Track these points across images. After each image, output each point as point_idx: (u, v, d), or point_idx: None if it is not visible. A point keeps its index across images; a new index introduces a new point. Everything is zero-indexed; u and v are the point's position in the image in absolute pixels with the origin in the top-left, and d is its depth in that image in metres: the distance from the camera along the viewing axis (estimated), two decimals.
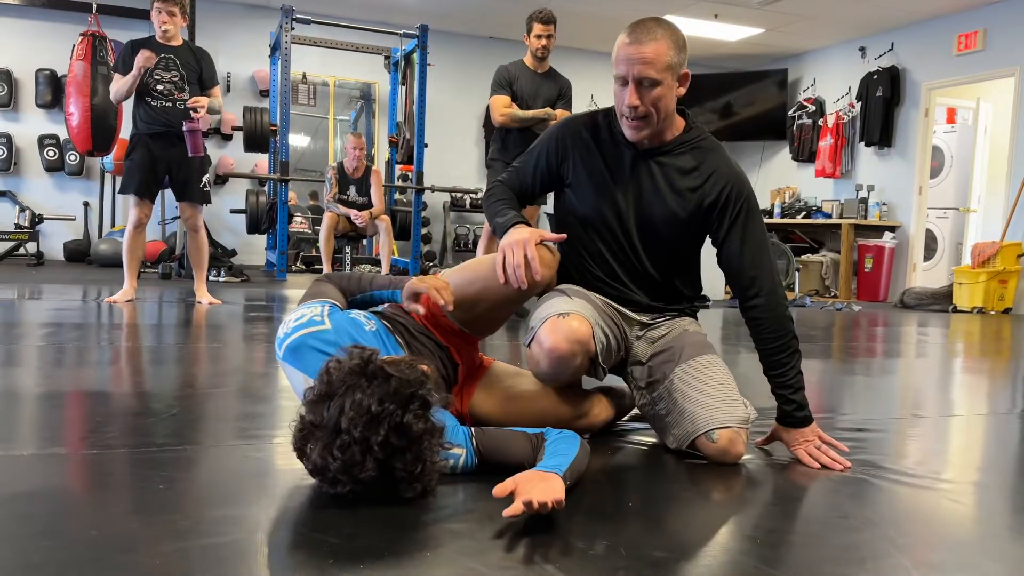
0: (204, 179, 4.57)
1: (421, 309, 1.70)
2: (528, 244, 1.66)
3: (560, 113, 4.53)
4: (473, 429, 1.54)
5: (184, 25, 4.51)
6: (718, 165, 1.79)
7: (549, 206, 4.57)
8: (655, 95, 1.70)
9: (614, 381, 2.04)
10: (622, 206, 1.82)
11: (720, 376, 1.75)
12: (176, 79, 4.37)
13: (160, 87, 4.32)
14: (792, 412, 1.75)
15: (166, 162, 4.42)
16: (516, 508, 1.23)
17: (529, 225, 1.76)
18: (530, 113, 4.45)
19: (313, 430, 1.33)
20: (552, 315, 1.70)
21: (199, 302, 4.58)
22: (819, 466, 1.71)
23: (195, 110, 4.30)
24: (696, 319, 1.98)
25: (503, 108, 4.46)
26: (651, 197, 1.80)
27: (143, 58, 4.19)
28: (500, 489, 1.30)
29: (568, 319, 1.68)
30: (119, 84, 4.33)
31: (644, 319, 1.89)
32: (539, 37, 4.45)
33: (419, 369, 1.39)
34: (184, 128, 4.30)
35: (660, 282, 1.88)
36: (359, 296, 1.80)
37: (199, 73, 4.44)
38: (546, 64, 4.57)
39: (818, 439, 1.76)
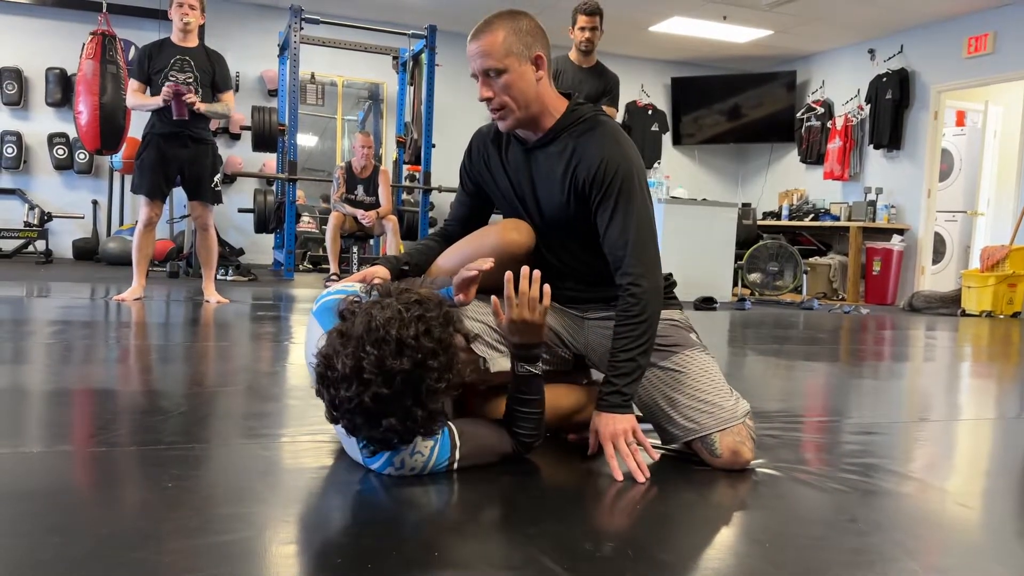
0: (216, 179, 4.59)
1: (467, 299, 1.67)
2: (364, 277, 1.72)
3: (605, 110, 4.42)
4: (450, 421, 1.54)
5: (202, 23, 4.52)
6: (590, 144, 1.72)
7: None
8: (503, 83, 1.68)
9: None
10: (528, 204, 1.82)
11: (694, 379, 1.71)
12: (190, 81, 4.39)
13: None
14: (606, 395, 1.64)
15: (178, 162, 4.44)
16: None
17: (387, 267, 1.77)
18: None
19: (341, 340, 1.34)
20: None
21: (207, 301, 4.59)
22: (615, 466, 1.58)
23: (189, 100, 4.29)
24: (668, 306, 1.84)
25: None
26: (543, 189, 1.79)
27: (166, 92, 4.23)
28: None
29: None
30: (139, 99, 4.38)
31: (598, 314, 1.84)
32: (583, 29, 4.31)
33: (440, 296, 1.43)
34: (172, 91, 4.27)
35: (591, 274, 1.83)
36: None
37: (212, 75, 4.46)
38: (592, 58, 4.40)
39: (631, 434, 1.62)
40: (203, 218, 4.62)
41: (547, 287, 1.55)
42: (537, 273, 1.54)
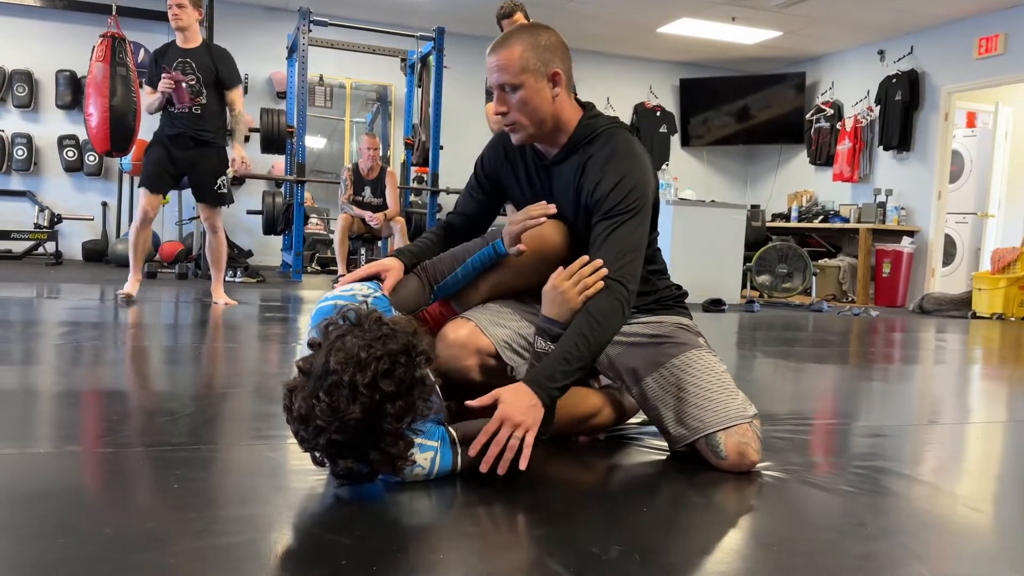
0: (220, 181, 4.58)
1: (523, 247, 1.70)
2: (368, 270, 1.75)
3: None
4: (450, 427, 1.53)
5: (200, 19, 4.49)
6: (597, 161, 1.70)
7: None
8: (519, 99, 1.68)
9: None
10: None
11: (700, 377, 1.70)
12: (194, 83, 4.39)
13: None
14: (540, 372, 1.53)
15: (183, 163, 4.47)
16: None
17: (401, 259, 1.79)
18: None
19: (301, 378, 1.34)
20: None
21: (215, 302, 4.60)
22: (486, 451, 1.46)
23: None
24: (678, 312, 1.86)
25: (495, 114, 4.33)
26: (559, 207, 1.75)
27: (164, 84, 4.29)
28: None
29: (451, 325, 1.73)
30: (149, 99, 4.45)
31: None
32: None
33: (415, 325, 1.41)
34: (171, 81, 4.32)
35: None
36: (449, 279, 1.76)
37: (216, 74, 4.45)
38: None
39: (523, 430, 1.46)
40: (211, 220, 4.64)
41: (600, 284, 1.58)
42: (598, 261, 1.59)
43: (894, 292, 8.17)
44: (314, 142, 9.03)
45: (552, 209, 1.71)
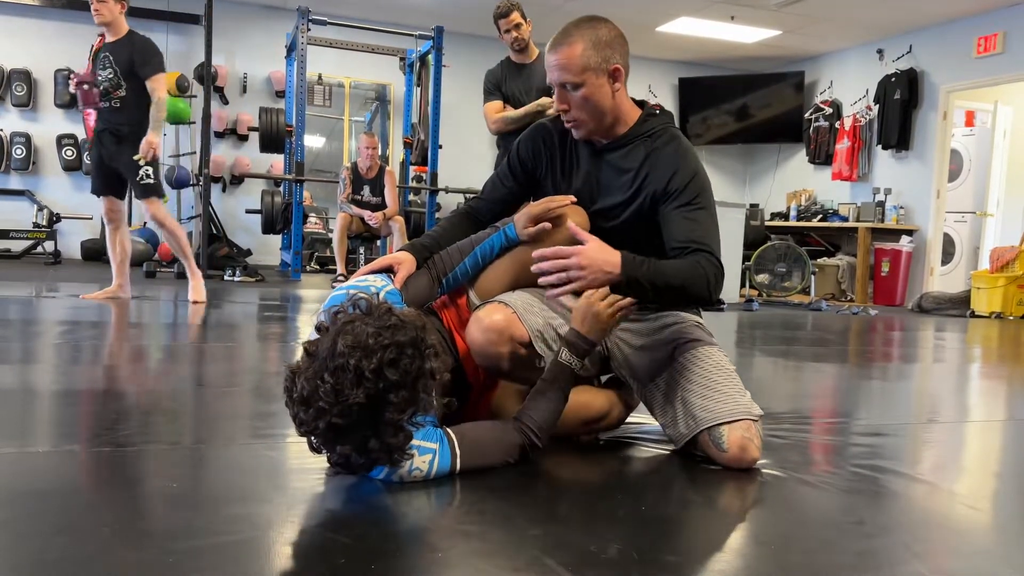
0: (141, 172, 4.31)
1: (548, 225, 1.70)
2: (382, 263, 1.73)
3: None
4: (449, 428, 1.52)
5: (122, 12, 4.31)
6: (665, 155, 1.75)
7: None
8: (580, 97, 1.70)
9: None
10: (583, 202, 1.81)
11: (709, 371, 1.71)
12: (111, 76, 4.27)
13: (101, 87, 4.30)
14: (631, 259, 1.60)
15: (110, 158, 4.39)
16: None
17: (413, 254, 1.76)
18: (521, 111, 4.14)
19: (307, 359, 1.34)
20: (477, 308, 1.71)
21: (189, 300, 4.46)
22: (547, 271, 1.57)
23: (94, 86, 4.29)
24: (693, 311, 1.90)
25: (494, 114, 4.27)
26: (605, 193, 1.79)
27: (72, 86, 4.31)
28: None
29: (487, 309, 1.66)
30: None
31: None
32: (507, 32, 4.29)
33: (424, 320, 1.41)
34: (74, 82, 4.29)
35: None
36: (457, 271, 1.75)
37: (132, 65, 4.25)
38: (530, 52, 4.30)
39: (577, 276, 1.56)
40: (151, 214, 4.43)
41: (632, 300, 1.61)
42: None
43: (893, 291, 8.18)
44: (313, 141, 9.03)
45: (572, 199, 1.73)
